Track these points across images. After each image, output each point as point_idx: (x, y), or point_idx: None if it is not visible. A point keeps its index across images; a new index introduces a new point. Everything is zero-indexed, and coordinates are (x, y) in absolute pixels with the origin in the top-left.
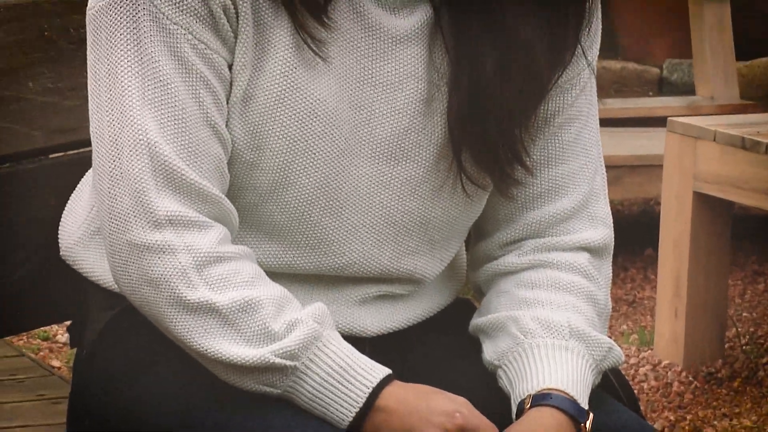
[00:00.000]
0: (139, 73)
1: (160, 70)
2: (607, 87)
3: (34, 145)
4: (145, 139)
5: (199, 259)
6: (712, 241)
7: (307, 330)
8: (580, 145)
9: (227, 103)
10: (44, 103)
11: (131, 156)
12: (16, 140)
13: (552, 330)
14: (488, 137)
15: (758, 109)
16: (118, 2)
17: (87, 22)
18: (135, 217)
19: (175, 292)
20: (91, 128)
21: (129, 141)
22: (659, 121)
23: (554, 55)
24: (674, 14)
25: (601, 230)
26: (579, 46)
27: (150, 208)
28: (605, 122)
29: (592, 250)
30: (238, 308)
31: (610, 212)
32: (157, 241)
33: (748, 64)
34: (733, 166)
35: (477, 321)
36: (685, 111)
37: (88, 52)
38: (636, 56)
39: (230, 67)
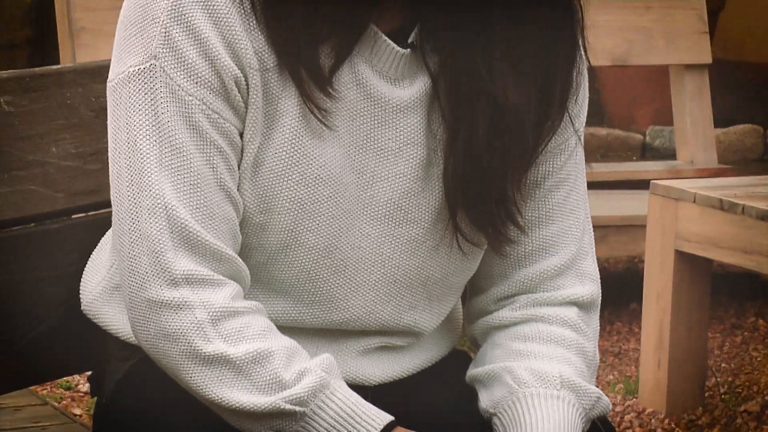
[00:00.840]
0: (157, 140)
1: (176, 138)
2: (594, 152)
3: (57, 207)
4: (162, 203)
5: (214, 313)
6: (692, 296)
7: (315, 378)
8: (568, 207)
9: (239, 168)
10: (66, 167)
11: (149, 218)
12: (41, 202)
13: (544, 380)
14: (482, 198)
15: (735, 173)
16: (137, 75)
17: (107, 94)
18: (153, 275)
19: (191, 346)
20: (111, 193)
21: (147, 204)
22: (643, 184)
23: (542, 120)
24: (656, 85)
25: (588, 286)
26: (567, 113)
27: (167, 267)
28: (592, 185)
29: (581, 305)
30: (251, 359)
31: (597, 269)
32: (174, 297)
33: (725, 131)
34: (712, 226)
35: (473, 371)
36: (666, 174)
37: (108, 122)
38: (621, 123)
39: (241, 134)
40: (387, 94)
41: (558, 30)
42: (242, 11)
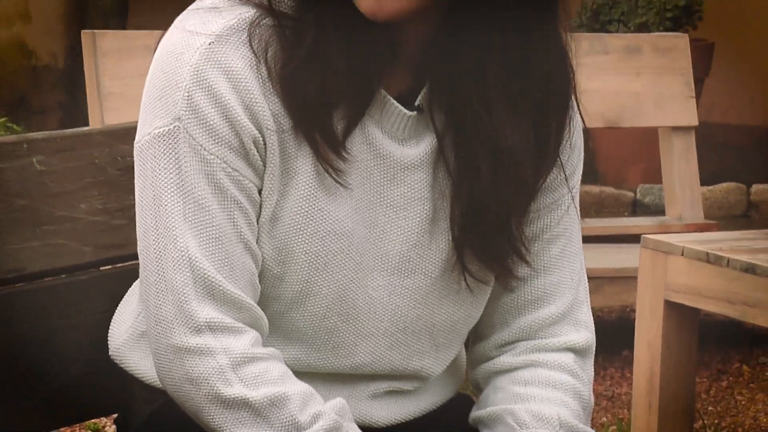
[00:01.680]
0: (181, 197)
1: (199, 195)
2: (588, 208)
3: (86, 259)
4: (186, 256)
5: (235, 359)
6: (681, 343)
7: (329, 421)
8: (565, 259)
9: (257, 222)
10: (94, 222)
11: (175, 270)
12: (71, 255)
13: (544, 422)
14: (488, 236)
15: (720, 228)
16: (161, 136)
17: (135, 154)
18: (178, 323)
19: (213, 389)
20: (138, 246)
21: (173, 257)
22: (634, 239)
23: (539, 160)
24: (646, 146)
25: (584, 333)
26: (560, 162)
27: (191, 315)
28: (587, 239)
29: (577, 351)
30: (269, 403)
31: (591, 317)
32: (197, 344)
33: (711, 188)
34: (699, 278)
35: (476, 413)
36: (656, 229)
37: (135, 180)
38: (613, 182)
39: (260, 191)
40: (396, 154)
41: (551, 78)
42: (259, 77)
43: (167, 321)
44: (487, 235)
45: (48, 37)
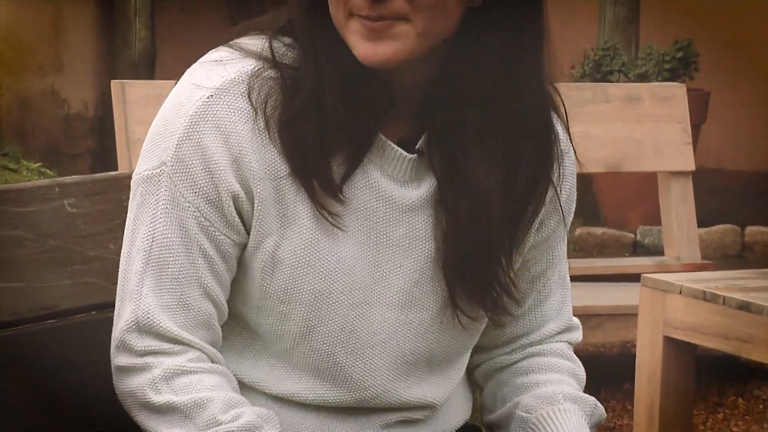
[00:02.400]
0: (151, 235)
1: (167, 237)
2: (591, 249)
3: (114, 297)
4: (139, 291)
5: (168, 372)
6: (679, 377)
7: (249, 419)
8: (561, 281)
9: (255, 266)
10: None
11: (128, 302)
12: (100, 293)
13: (549, 401)
14: (475, 277)
15: (716, 268)
16: (148, 178)
17: (131, 186)
18: (122, 348)
19: (145, 398)
20: None
21: (129, 289)
22: (634, 278)
23: (512, 203)
24: (646, 189)
25: (576, 333)
26: (559, 207)
27: (131, 346)
28: (590, 278)
29: (570, 342)
30: (194, 405)
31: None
32: (136, 363)
33: (707, 230)
34: (697, 315)
35: (489, 418)
36: (655, 269)
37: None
38: (615, 224)
39: (243, 244)
40: (397, 196)
41: (528, 127)
42: (255, 128)
43: (115, 345)
44: (472, 275)
45: (79, 87)
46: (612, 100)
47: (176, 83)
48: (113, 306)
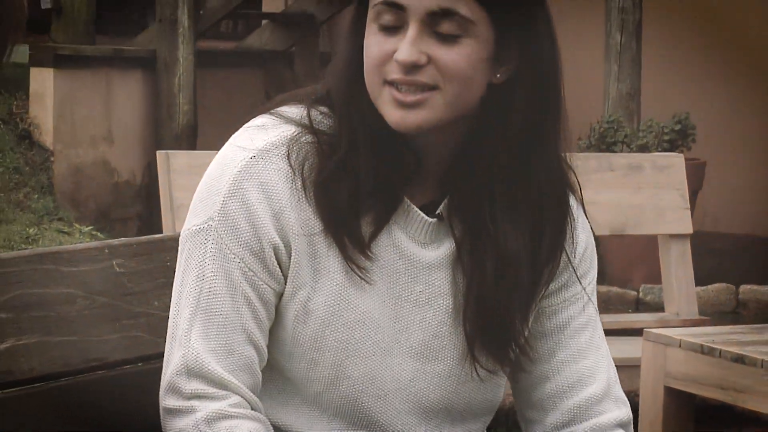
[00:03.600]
0: (199, 284)
1: (214, 285)
2: (597, 305)
3: (159, 350)
4: (188, 336)
5: (211, 415)
6: (679, 425)
7: None
8: (594, 344)
9: (291, 316)
10: (166, 317)
11: (177, 346)
12: (146, 345)
13: None
14: (495, 333)
15: (712, 323)
16: (197, 232)
17: (180, 241)
18: (170, 391)
19: None
20: None
21: (179, 335)
22: (637, 332)
23: (537, 264)
24: (648, 251)
25: (624, 409)
26: (571, 265)
27: (179, 388)
28: None
29: (624, 425)
30: None
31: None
32: (183, 406)
33: (704, 288)
34: (695, 367)
35: None
36: (656, 324)
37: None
38: (618, 282)
39: (280, 293)
40: (418, 255)
41: (549, 194)
42: (293, 187)
43: (164, 388)
44: (493, 330)
45: (128, 157)
46: (616, 169)
47: (217, 152)
48: (158, 357)
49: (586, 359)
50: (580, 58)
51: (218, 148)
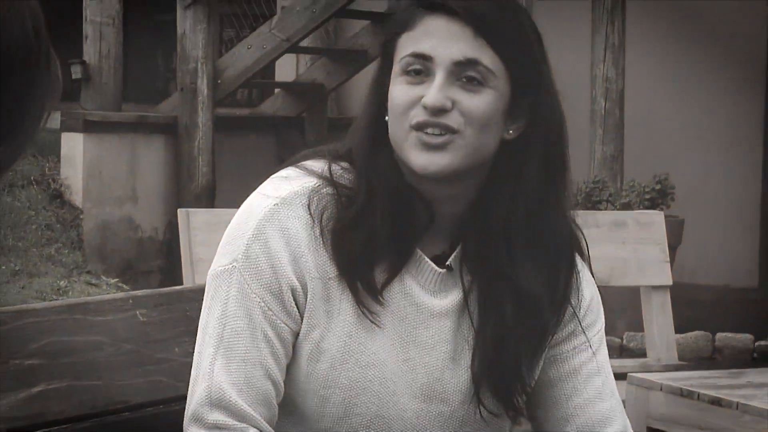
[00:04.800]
0: (222, 322)
1: (236, 323)
2: None
3: (180, 393)
4: (211, 370)
5: None
6: None
7: None
8: (608, 389)
9: (290, 354)
10: (187, 362)
11: (201, 380)
12: (167, 389)
13: None
14: (502, 372)
15: (691, 368)
16: (221, 273)
17: (207, 281)
18: (193, 422)
19: None
20: None
21: (203, 370)
22: (621, 377)
23: (554, 305)
24: (631, 301)
25: None
26: (576, 316)
27: (203, 419)
28: None
29: None
30: None
31: None
32: None
33: (683, 336)
34: (675, 409)
35: None
36: (639, 369)
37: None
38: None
39: (296, 331)
40: (427, 303)
41: (561, 241)
42: (312, 234)
43: (188, 416)
44: (501, 373)
45: (151, 215)
46: (601, 225)
47: (235, 210)
48: (178, 400)
49: (604, 402)
50: (568, 123)
51: (236, 206)
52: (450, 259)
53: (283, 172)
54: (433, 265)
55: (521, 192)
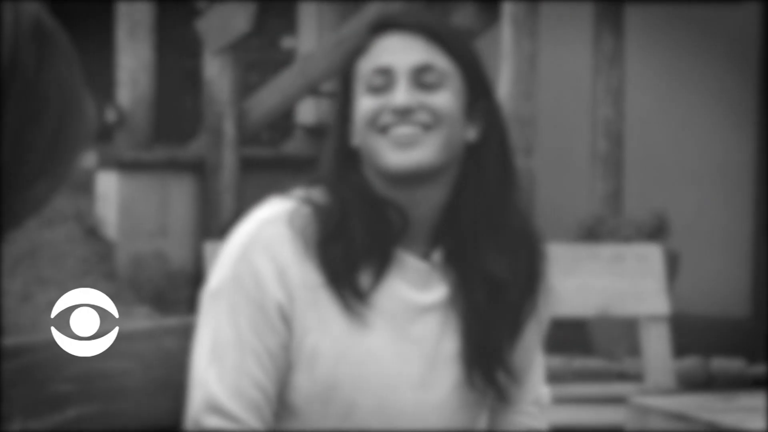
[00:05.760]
0: (212, 337)
1: (224, 338)
2: (587, 376)
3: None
4: (206, 379)
5: None
6: None
7: None
8: (539, 361)
9: (301, 359)
10: None
11: (198, 389)
12: None
13: None
14: (488, 356)
15: (687, 392)
16: (213, 292)
17: (201, 300)
18: (192, 425)
19: None
20: None
21: (198, 379)
22: (620, 400)
23: (519, 286)
24: (630, 330)
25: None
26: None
27: (202, 424)
28: (585, 400)
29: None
30: None
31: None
32: None
33: (679, 361)
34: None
35: None
36: (638, 393)
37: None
38: (606, 356)
39: (286, 343)
40: (414, 300)
41: (521, 231)
42: (296, 249)
43: (189, 422)
44: (487, 356)
45: (180, 248)
46: (602, 258)
47: None
48: None
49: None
50: (570, 162)
51: None
52: (431, 258)
53: (267, 200)
54: (416, 264)
55: (484, 192)
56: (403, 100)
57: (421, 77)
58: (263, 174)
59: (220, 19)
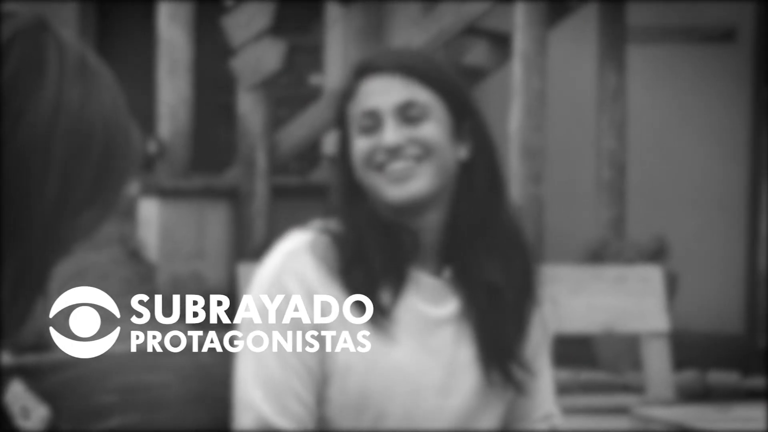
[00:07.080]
0: (254, 359)
1: (266, 359)
2: (593, 389)
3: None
4: (253, 400)
5: None
6: None
7: None
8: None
9: (335, 372)
10: None
11: (246, 411)
12: (229, 423)
13: None
14: (503, 359)
15: (686, 404)
16: (255, 317)
17: (240, 326)
18: None
19: None
20: None
21: (246, 401)
22: (623, 411)
23: (514, 287)
24: (632, 345)
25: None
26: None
27: None
28: (591, 411)
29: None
30: None
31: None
32: None
33: (680, 375)
34: None
35: None
36: (641, 404)
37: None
38: (608, 369)
39: (321, 358)
40: (431, 314)
41: (510, 238)
42: (320, 274)
43: None
44: (500, 358)
45: (216, 269)
46: (606, 279)
47: None
48: None
49: (542, 380)
50: (577, 190)
51: None
52: (442, 274)
53: (291, 233)
54: (429, 281)
55: (477, 204)
56: (392, 139)
57: (405, 113)
58: (292, 201)
59: (253, 58)
